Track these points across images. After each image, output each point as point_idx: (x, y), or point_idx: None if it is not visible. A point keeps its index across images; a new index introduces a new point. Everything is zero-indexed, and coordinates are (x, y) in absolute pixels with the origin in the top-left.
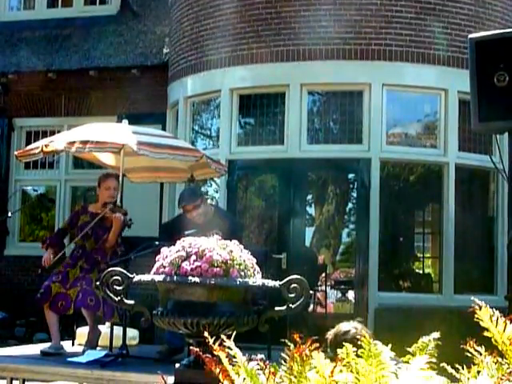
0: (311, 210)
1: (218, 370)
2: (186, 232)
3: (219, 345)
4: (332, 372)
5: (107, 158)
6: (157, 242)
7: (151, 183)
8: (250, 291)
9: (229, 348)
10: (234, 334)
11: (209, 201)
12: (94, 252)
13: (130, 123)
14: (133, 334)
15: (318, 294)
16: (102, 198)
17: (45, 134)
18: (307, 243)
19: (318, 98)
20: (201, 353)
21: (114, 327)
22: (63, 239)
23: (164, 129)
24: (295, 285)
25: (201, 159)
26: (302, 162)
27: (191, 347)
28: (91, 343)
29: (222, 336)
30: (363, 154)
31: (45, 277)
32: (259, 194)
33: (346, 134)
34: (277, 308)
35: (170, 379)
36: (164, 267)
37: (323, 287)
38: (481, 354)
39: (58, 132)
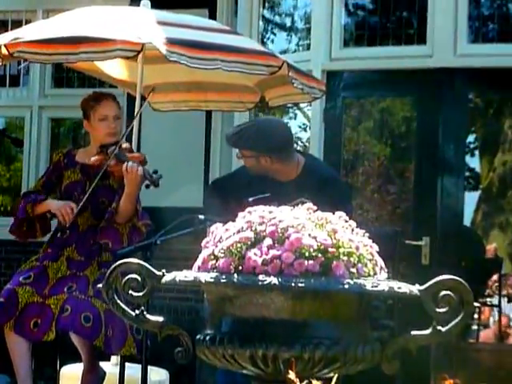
0: (474, 163)
1: None
2: (251, 198)
3: None
4: None
5: (114, 69)
6: (202, 216)
7: (190, 112)
8: (368, 302)
9: None
10: (340, 376)
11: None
12: (92, 232)
13: (153, 7)
14: (160, 376)
15: (487, 310)
16: (95, 136)
17: (5, 26)
18: (467, 221)
19: None
20: None
21: (127, 365)
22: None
23: (213, 17)
24: (447, 292)
25: (279, 70)
26: (459, 76)
27: None
28: None
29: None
30: None
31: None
32: (381, 132)
33: None
34: (414, 332)
35: None
36: (216, 258)
37: (495, 298)
38: None
39: (28, 22)
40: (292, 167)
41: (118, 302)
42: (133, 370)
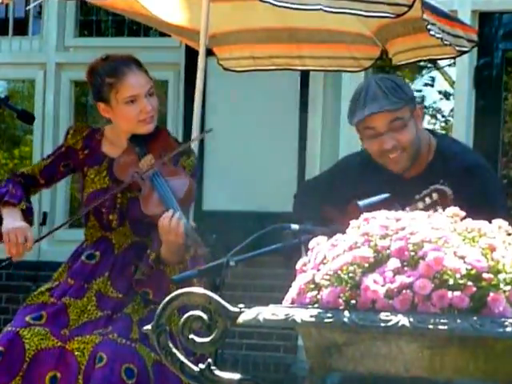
0: None
1: None
2: (362, 202)
3: None
4: None
5: (166, 9)
6: (295, 226)
7: (277, 74)
8: None
9: None
10: None
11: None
12: (133, 253)
13: None
14: None
15: None
16: (122, 125)
17: None
18: None
19: None
20: None
21: None
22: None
23: None
24: None
25: (409, 10)
26: None
27: None
28: None
29: None
30: None
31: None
32: None
33: None
34: None
35: None
36: (318, 288)
37: None
38: None
39: None
40: (423, 152)
41: (174, 351)
42: None
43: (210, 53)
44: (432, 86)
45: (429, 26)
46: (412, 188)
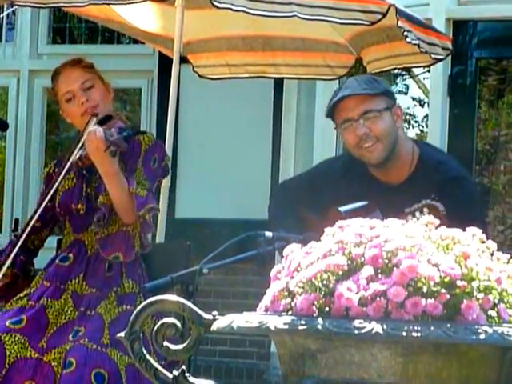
0: None
1: None
2: (343, 208)
3: None
4: None
5: (140, 16)
6: (269, 233)
7: (251, 81)
8: None
9: None
10: None
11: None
12: (98, 252)
13: None
14: None
15: None
16: (72, 121)
17: None
18: None
19: None
20: None
21: None
22: (32, 247)
23: None
24: None
25: (383, 18)
26: None
27: None
28: None
29: None
30: None
31: None
32: None
33: None
34: None
35: None
36: (291, 295)
37: None
38: None
39: None
40: (406, 158)
41: (148, 358)
42: None
43: (183, 60)
44: (406, 94)
45: (405, 33)
46: (395, 196)
